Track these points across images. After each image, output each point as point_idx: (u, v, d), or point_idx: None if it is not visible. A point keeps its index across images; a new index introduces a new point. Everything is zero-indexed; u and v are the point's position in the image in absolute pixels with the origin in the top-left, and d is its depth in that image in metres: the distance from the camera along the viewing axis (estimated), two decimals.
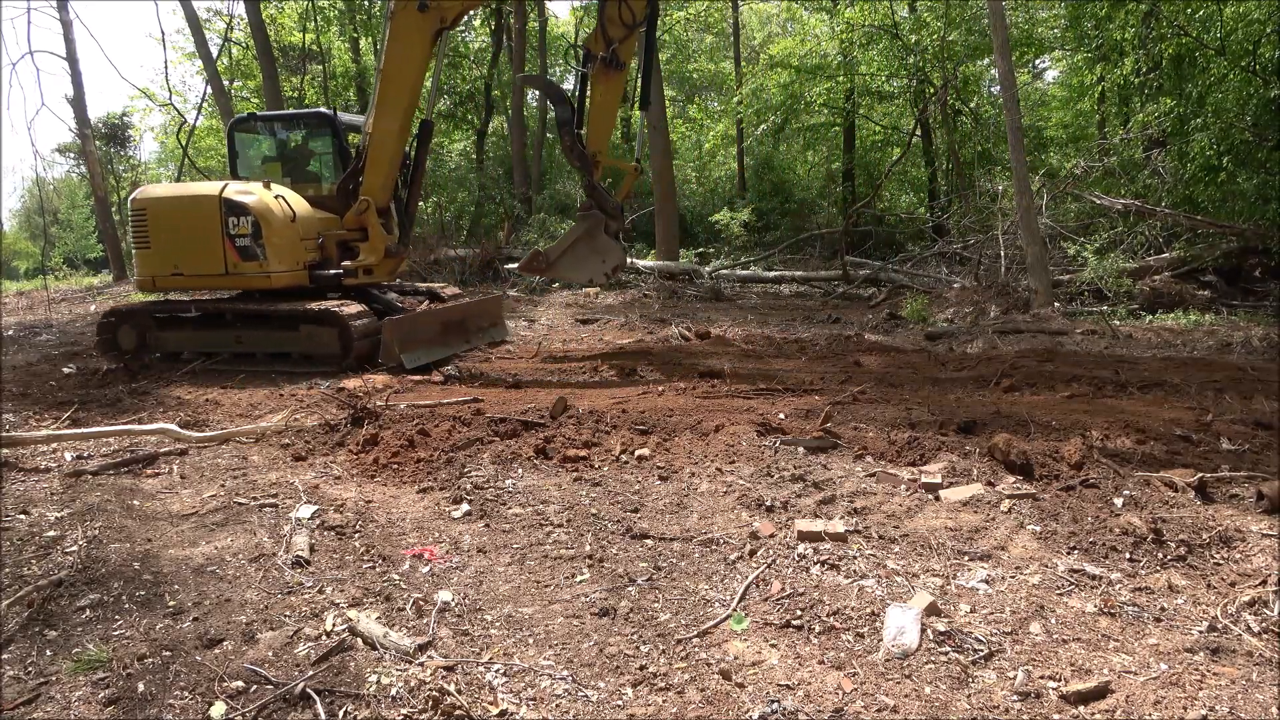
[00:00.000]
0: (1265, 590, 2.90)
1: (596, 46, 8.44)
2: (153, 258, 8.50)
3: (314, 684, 2.51)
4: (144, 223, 8.50)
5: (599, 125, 8.81)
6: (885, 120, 25.06)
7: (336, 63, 27.72)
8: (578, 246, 8.87)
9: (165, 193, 9.01)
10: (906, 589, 3.04)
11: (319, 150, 10.02)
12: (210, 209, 8.32)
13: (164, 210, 8.53)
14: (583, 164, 8.61)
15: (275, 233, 8.38)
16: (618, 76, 8.65)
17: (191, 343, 8.71)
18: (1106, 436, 4.88)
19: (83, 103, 25.61)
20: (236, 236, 8.29)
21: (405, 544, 3.66)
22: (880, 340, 10.24)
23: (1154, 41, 14.78)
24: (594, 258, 8.84)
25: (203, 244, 8.34)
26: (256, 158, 9.98)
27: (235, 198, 8.32)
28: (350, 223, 9.04)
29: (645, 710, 2.39)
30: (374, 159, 8.78)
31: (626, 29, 8.34)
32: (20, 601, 3.11)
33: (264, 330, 8.56)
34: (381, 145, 8.73)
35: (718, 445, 4.86)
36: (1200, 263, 12.43)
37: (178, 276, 8.58)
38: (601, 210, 8.78)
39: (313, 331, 8.40)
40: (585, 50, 8.63)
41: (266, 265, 8.36)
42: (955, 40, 19.08)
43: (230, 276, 8.44)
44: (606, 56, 8.34)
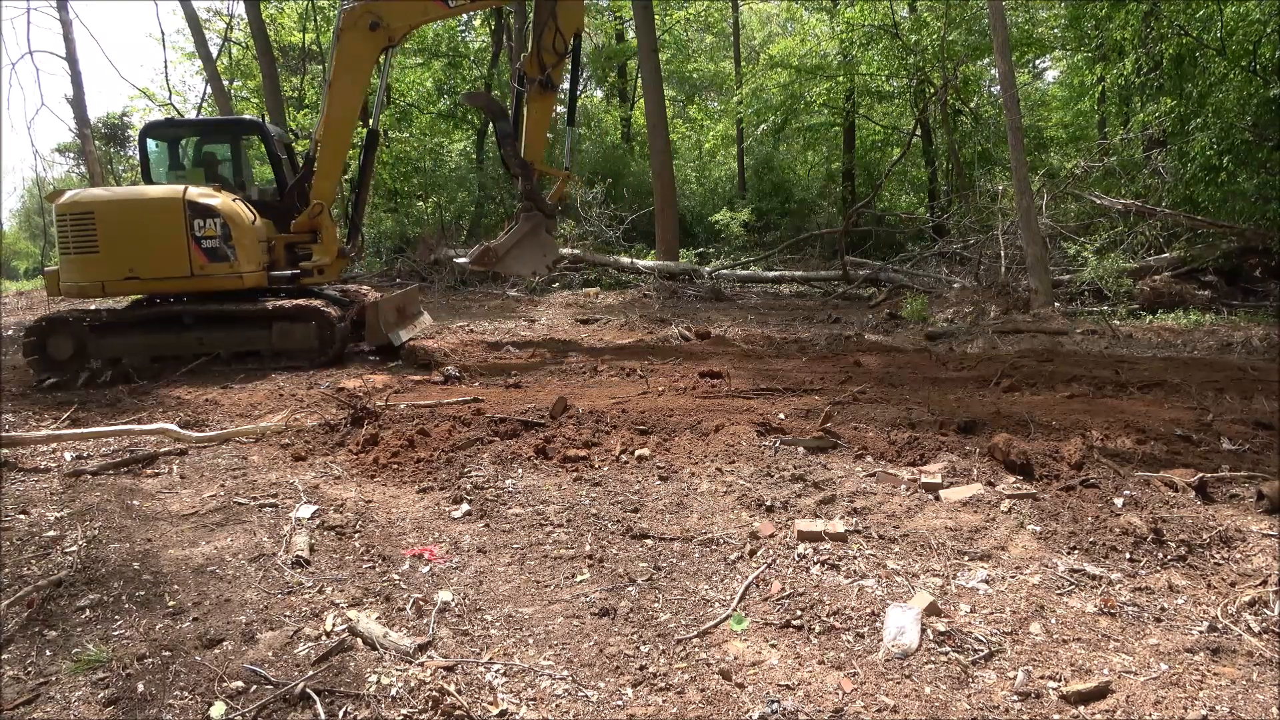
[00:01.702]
0: (1265, 590, 2.90)
1: (532, 71, 9.47)
2: (99, 262, 8.18)
3: (314, 684, 2.51)
4: (89, 226, 8.18)
5: (535, 138, 9.79)
6: (885, 120, 25.06)
7: None
8: (522, 243, 9.83)
9: (116, 195, 8.78)
10: (906, 589, 3.04)
11: (225, 157, 9.93)
12: (173, 211, 8.19)
13: (116, 213, 8.27)
14: (523, 171, 9.63)
15: (244, 234, 8.39)
16: (550, 96, 9.79)
17: (143, 348, 8.39)
18: (1106, 436, 4.89)
19: (83, 103, 25.62)
20: (204, 239, 8.22)
21: (405, 544, 3.66)
22: (880, 340, 10.24)
23: (1154, 41, 14.77)
24: (536, 253, 9.98)
25: (164, 247, 8.19)
26: (163, 164, 9.80)
27: (201, 200, 8.25)
28: (302, 225, 9.23)
29: (645, 710, 2.39)
30: (323, 164, 9.16)
31: (558, 56, 9.43)
32: (20, 601, 3.11)
33: (228, 330, 8.47)
34: (331, 151, 9.17)
35: (718, 445, 4.86)
36: (1200, 263, 12.43)
37: (132, 280, 8.33)
38: (540, 211, 9.86)
39: (287, 328, 8.41)
40: (521, 73, 9.66)
41: (237, 266, 8.35)
42: (955, 40, 19.09)
43: (195, 279, 8.30)
44: (542, 79, 9.45)
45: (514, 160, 9.55)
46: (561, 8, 9.25)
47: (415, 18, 9.51)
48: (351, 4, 8.76)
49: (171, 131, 10.18)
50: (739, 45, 29.49)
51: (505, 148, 9.60)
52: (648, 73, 18.37)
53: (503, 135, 9.56)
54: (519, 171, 9.60)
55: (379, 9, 8.75)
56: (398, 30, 9.09)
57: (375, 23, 8.73)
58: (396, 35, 9.13)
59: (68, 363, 8.20)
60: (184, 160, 9.91)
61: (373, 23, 8.72)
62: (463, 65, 27.50)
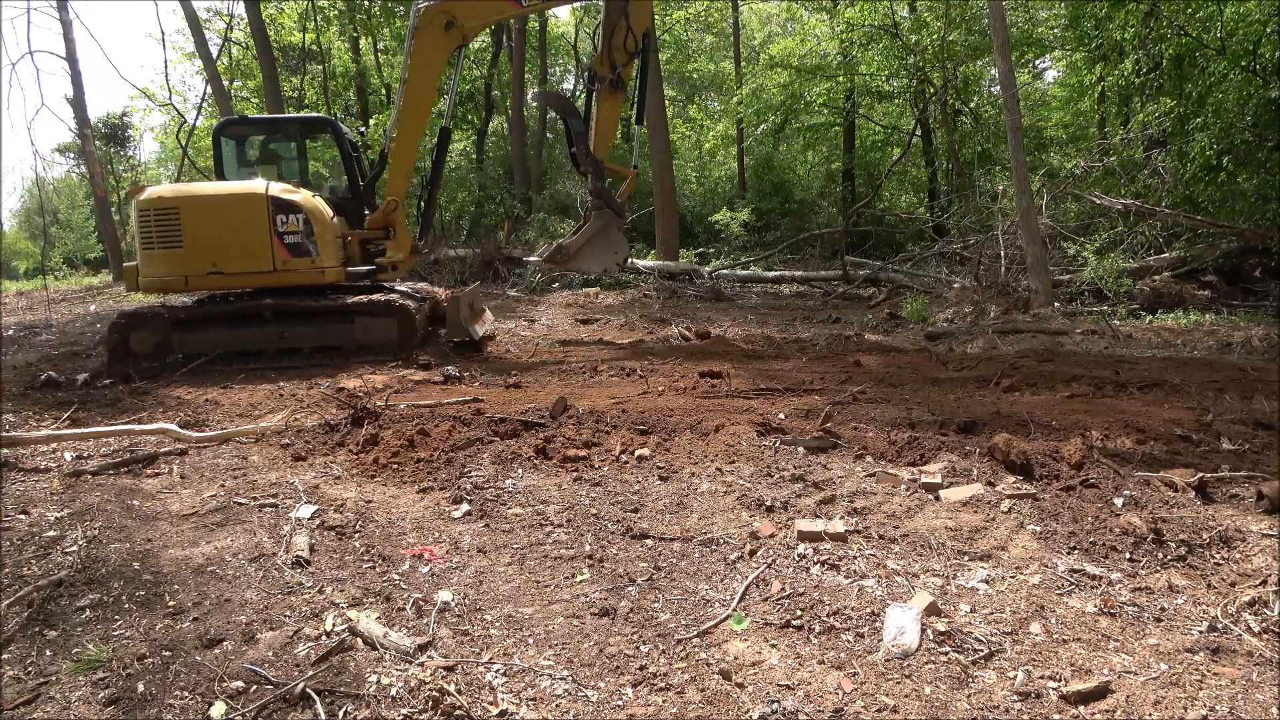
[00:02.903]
0: (1265, 590, 2.90)
1: (602, 70, 9.47)
2: (182, 257, 8.35)
3: (314, 684, 2.51)
4: (173, 221, 8.34)
5: (604, 137, 9.78)
6: (885, 120, 25.08)
7: (336, 63, 27.72)
8: (594, 241, 9.84)
9: (200, 191, 8.94)
10: (906, 589, 3.04)
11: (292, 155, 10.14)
12: (258, 207, 8.36)
13: (200, 208, 8.44)
14: (594, 170, 9.59)
15: (325, 230, 8.59)
16: (620, 95, 9.70)
17: (225, 342, 8.51)
18: (1106, 436, 4.89)
19: (83, 103, 25.62)
20: (286, 234, 8.38)
21: (405, 544, 3.66)
22: (880, 340, 10.24)
23: (1154, 41, 14.78)
24: (608, 250, 9.96)
25: (247, 242, 8.35)
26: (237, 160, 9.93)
27: (283, 196, 8.44)
28: (376, 221, 9.40)
29: (645, 710, 2.39)
30: (397, 161, 9.29)
31: (628, 56, 9.44)
32: (20, 601, 3.11)
33: (310, 325, 8.60)
34: (405, 148, 9.29)
35: (718, 445, 4.85)
36: (1200, 263, 12.44)
37: (215, 275, 8.49)
38: (610, 209, 9.79)
39: (369, 323, 8.56)
40: (591, 72, 9.69)
41: (319, 261, 8.54)
42: (955, 40, 19.10)
43: (277, 274, 8.47)
44: (612, 79, 9.43)
45: (585, 158, 9.54)
46: (633, 7, 9.24)
47: (488, 16, 9.78)
48: (427, 3, 8.87)
49: (243, 129, 10.33)
50: (739, 45, 29.50)
51: (578, 146, 9.58)
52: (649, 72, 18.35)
53: (576, 134, 9.56)
54: (590, 170, 9.60)
55: (453, 8, 8.86)
56: (471, 29, 9.28)
57: (450, 22, 8.85)
58: (470, 34, 9.30)
59: (150, 357, 8.38)
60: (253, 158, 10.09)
61: (447, 22, 8.85)
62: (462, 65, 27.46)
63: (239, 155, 9.97)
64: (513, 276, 17.34)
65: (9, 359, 9.57)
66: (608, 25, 9.35)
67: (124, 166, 36.51)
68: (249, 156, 10.09)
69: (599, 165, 9.60)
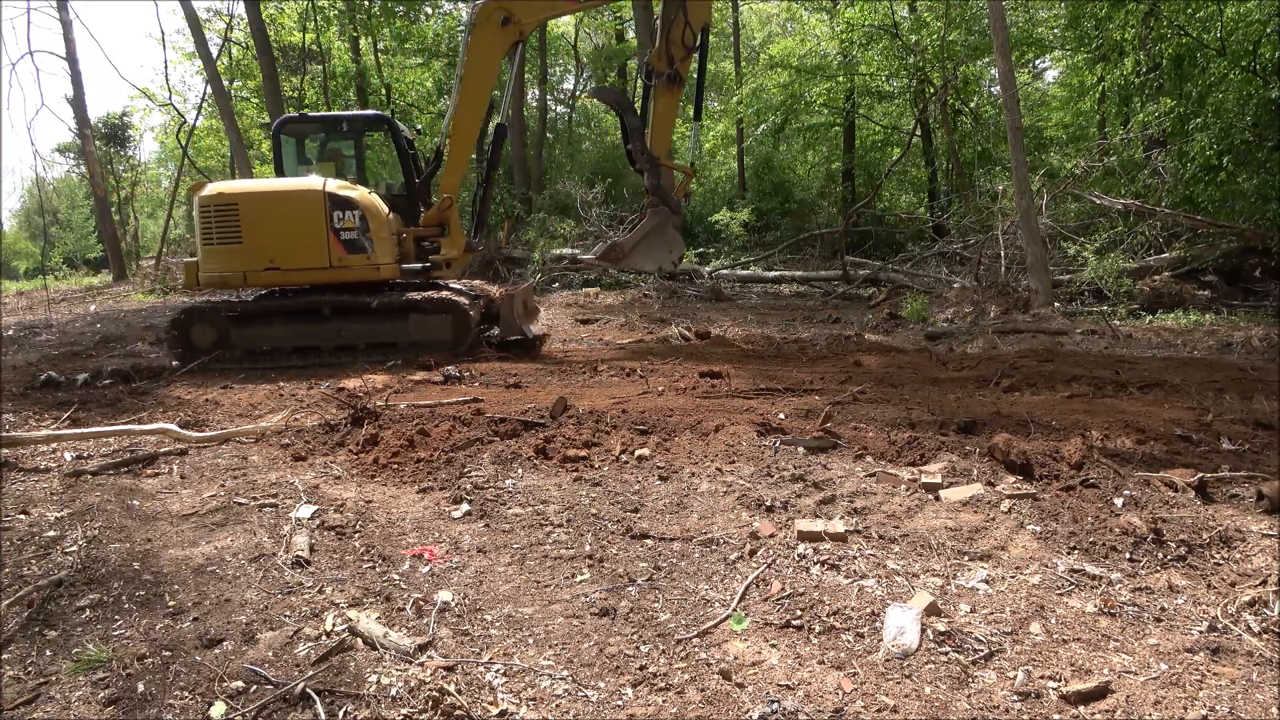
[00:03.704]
0: (1265, 590, 2.90)
1: (660, 64, 9.29)
2: (242, 253, 8.42)
3: (314, 684, 2.51)
4: (233, 218, 8.40)
5: (661, 133, 9.62)
6: (885, 120, 25.07)
7: (336, 63, 27.72)
8: (650, 238, 9.71)
9: (258, 187, 9.01)
10: (906, 589, 3.04)
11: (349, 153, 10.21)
12: (315, 203, 8.40)
13: (259, 205, 8.50)
14: (651, 167, 9.41)
15: (381, 227, 8.62)
16: (677, 90, 9.55)
17: (283, 338, 8.62)
18: (1106, 436, 4.88)
19: (83, 103, 25.62)
20: (343, 230, 8.42)
21: (405, 544, 3.66)
22: (880, 340, 10.24)
23: (1154, 41, 14.78)
24: (663, 248, 9.81)
25: (304, 238, 8.40)
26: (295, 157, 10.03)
27: (340, 192, 8.47)
28: (431, 219, 9.41)
29: (645, 710, 2.39)
30: (453, 158, 9.32)
31: (686, 50, 9.23)
32: (20, 601, 3.11)
33: (366, 322, 8.65)
34: (460, 145, 9.33)
35: (718, 445, 4.85)
36: (1200, 263, 12.44)
37: (272, 271, 8.55)
38: (666, 207, 9.66)
39: (423, 320, 8.61)
40: (649, 67, 9.52)
41: (375, 258, 8.56)
42: (955, 40, 19.09)
43: (334, 270, 8.51)
44: (670, 73, 9.26)
45: (642, 155, 9.42)
46: (692, 3, 9.12)
47: (544, 13, 9.71)
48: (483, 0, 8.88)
49: (302, 127, 10.35)
50: (739, 45, 29.48)
51: (634, 142, 9.46)
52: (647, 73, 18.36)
53: (632, 130, 9.45)
54: (646, 166, 9.46)
55: (510, 5, 8.86)
56: (527, 26, 9.26)
57: (507, 18, 8.85)
58: (526, 30, 9.28)
59: (209, 350, 8.49)
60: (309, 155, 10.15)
61: (504, 18, 8.84)
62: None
63: (297, 153, 10.05)
64: (512, 276, 17.35)
65: (9, 359, 9.57)
66: (665, 20, 9.25)
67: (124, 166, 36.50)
68: (306, 154, 10.17)
69: (655, 162, 9.47)
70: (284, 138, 9.91)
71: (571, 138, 27.63)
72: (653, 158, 9.40)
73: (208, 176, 25.03)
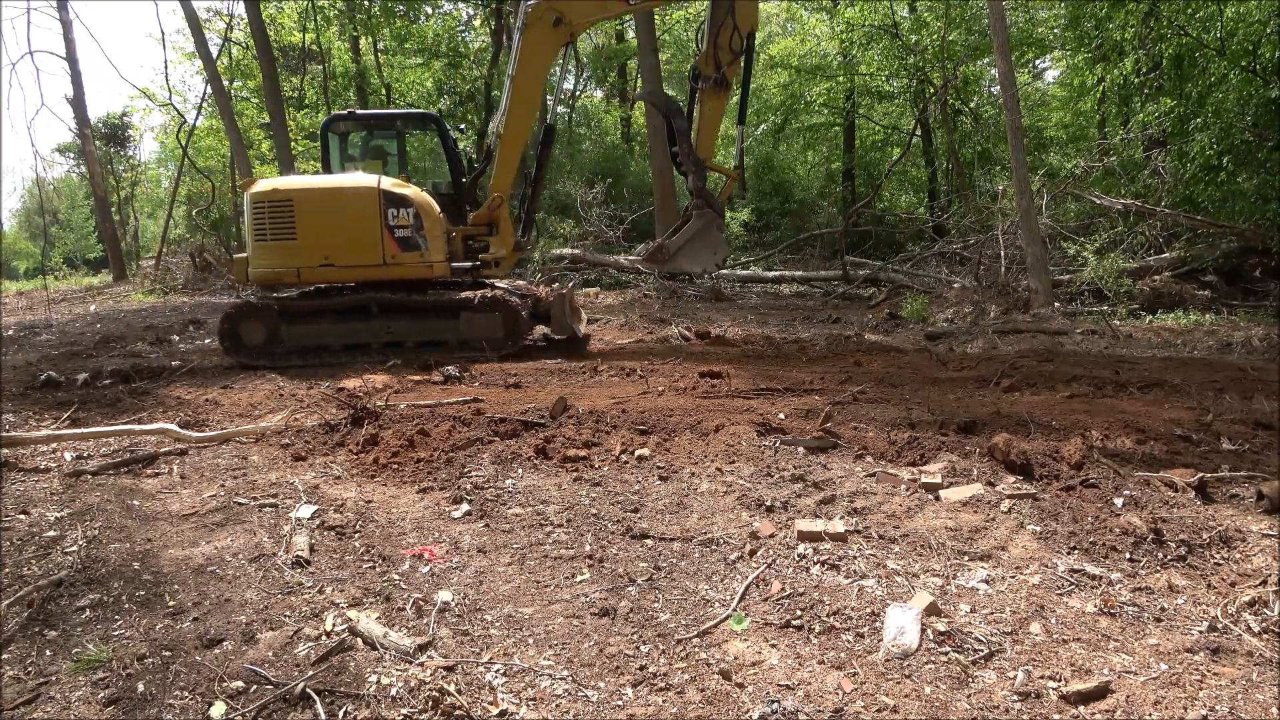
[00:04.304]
0: (1265, 590, 2.90)
1: (707, 69, 9.27)
2: (296, 250, 8.45)
3: (314, 684, 2.51)
4: (288, 214, 8.43)
5: (707, 136, 9.62)
6: (885, 120, 25.08)
7: (336, 63, 27.72)
8: (695, 241, 9.66)
9: (313, 184, 8.99)
10: (906, 589, 3.04)
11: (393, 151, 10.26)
12: (369, 201, 8.43)
13: (314, 201, 8.53)
14: (696, 170, 9.37)
15: (435, 225, 8.66)
16: (724, 94, 9.54)
17: (333, 335, 8.65)
18: (1106, 436, 4.88)
19: (83, 103, 25.63)
20: (397, 228, 8.46)
21: (405, 544, 3.66)
22: (880, 340, 10.24)
23: (1154, 41, 14.78)
24: (707, 250, 9.77)
25: (359, 235, 8.44)
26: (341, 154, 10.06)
27: (394, 190, 8.50)
28: (481, 218, 9.44)
29: (645, 710, 2.39)
30: (503, 158, 9.29)
31: (733, 55, 9.22)
32: (20, 601, 3.11)
33: (417, 320, 8.70)
34: (511, 145, 9.29)
35: (718, 445, 4.85)
36: (1200, 263, 12.44)
37: (327, 268, 8.57)
38: (711, 209, 9.59)
39: (474, 319, 8.65)
40: (695, 70, 9.51)
41: (428, 256, 8.59)
42: (955, 40, 19.10)
43: (387, 267, 8.54)
44: (717, 78, 9.23)
45: (688, 158, 9.40)
46: (740, 5, 9.10)
47: (595, 14, 9.73)
48: (535, 0, 8.89)
49: (349, 124, 10.37)
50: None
51: (680, 145, 9.45)
52: (647, 72, 18.38)
53: (679, 133, 9.43)
54: (692, 169, 9.43)
55: (562, 6, 8.87)
56: (579, 26, 9.29)
57: (559, 19, 8.86)
58: (577, 31, 9.32)
59: (259, 347, 8.52)
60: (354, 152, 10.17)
61: (556, 19, 8.85)
62: (462, 65, 27.48)
63: (343, 150, 10.07)
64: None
65: (9, 359, 9.57)
66: (714, 24, 9.22)
67: (124, 166, 36.51)
68: (350, 151, 10.19)
69: (701, 165, 9.45)
70: (331, 135, 9.95)
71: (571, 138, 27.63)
72: (698, 161, 9.41)
73: (208, 176, 25.06)
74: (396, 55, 27.89)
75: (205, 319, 13.18)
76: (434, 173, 10.28)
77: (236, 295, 17.65)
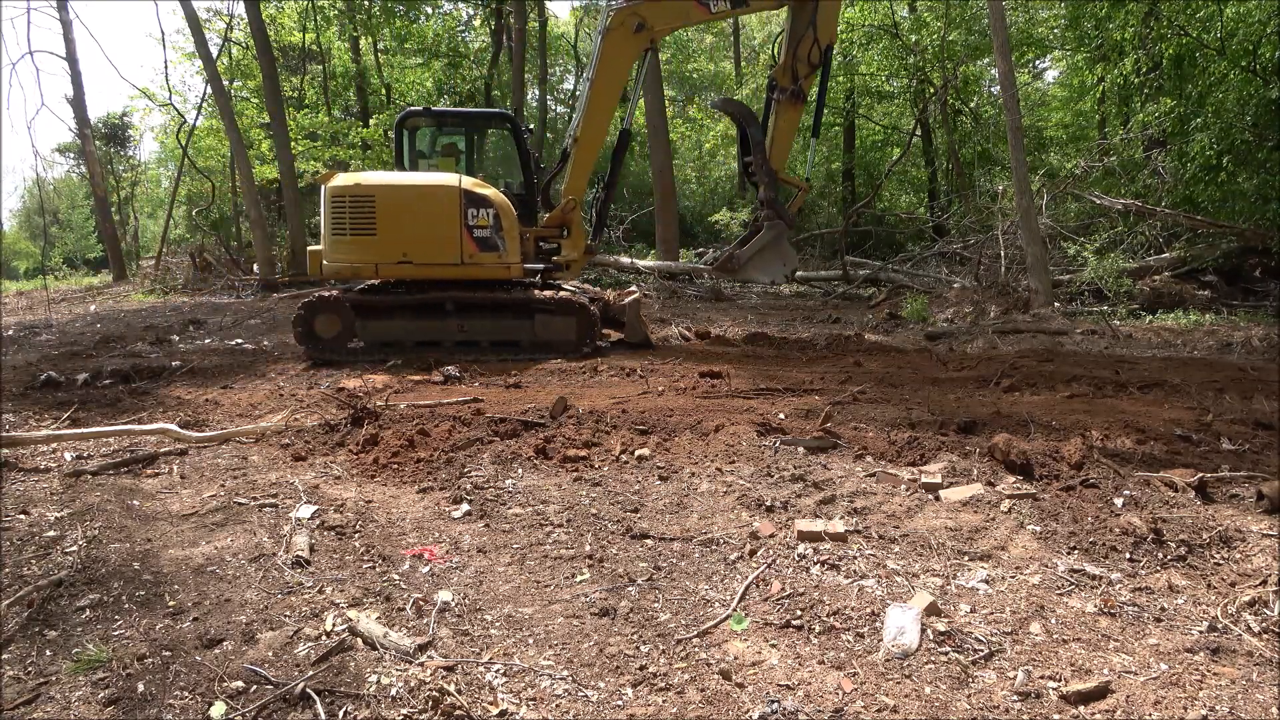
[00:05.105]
0: (1265, 590, 2.90)
1: (784, 80, 9.41)
2: (375, 245, 8.47)
3: (314, 684, 2.51)
4: (368, 209, 8.45)
5: (781, 148, 9.69)
6: (885, 120, 25.07)
7: (336, 63, 27.72)
8: (765, 252, 9.69)
9: (395, 180, 9.01)
10: (906, 589, 3.04)
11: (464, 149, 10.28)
12: (450, 199, 8.47)
13: (397, 198, 8.56)
14: (769, 180, 9.41)
15: (513, 225, 8.69)
16: (800, 106, 9.66)
17: (407, 332, 8.71)
18: (1106, 436, 4.89)
19: (83, 103, 25.61)
20: (476, 228, 8.50)
21: (405, 544, 3.66)
22: (880, 340, 10.24)
23: (1154, 41, 14.78)
24: (777, 261, 9.82)
25: (438, 233, 8.48)
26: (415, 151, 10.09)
27: (475, 190, 8.54)
28: (554, 219, 9.48)
29: (645, 710, 2.39)
30: (579, 161, 9.35)
31: (811, 67, 9.32)
32: (20, 601, 3.11)
33: (491, 319, 8.75)
34: (587, 148, 9.36)
35: (718, 445, 4.85)
36: (1200, 263, 12.44)
37: (405, 265, 8.59)
38: (782, 220, 9.61)
39: (549, 321, 8.71)
40: (772, 81, 9.64)
41: (505, 257, 8.64)
42: (955, 40, 19.09)
43: (464, 266, 8.58)
44: (794, 90, 9.37)
45: (762, 169, 9.40)
46: (822, 17, 9.16)
47: (676, 20, 9.81)
48: (618, 5, 8.96)
49: (423, 122, 10.38)
50: (739, 45, 29.48)
51: (754, 155, 9.45)
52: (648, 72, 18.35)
53: (754, 143, 9.46)
54: (765, 180, 9.42)
55: (644, 10, 8.94)
56: (660, 32, 9.37)
57: (640, 24, 8.93)
58: (658, 37, 9.39)
59: (333, 341, 8.58)
60: (433, 151, 10.22)
61: (638, 24, 8.92)
62: (462, 65, 27.48)
63: (412, 146, 10.10)
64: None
65: (9, 359, 9.56)
66: (793, 36, 9.28)
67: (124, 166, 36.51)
68: (420, 148, 10.22)
69: (774, 176, 9.46)
70: (405, 131, 9.97)
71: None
72: (771, 171, 9.41)
73: (208, 176, 25.06)
74: (396, 55, 27.90)
75: (205, 319, 13.19)
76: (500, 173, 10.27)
77: (236, 295, 17.65)
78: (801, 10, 9.20)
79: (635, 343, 9.39)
